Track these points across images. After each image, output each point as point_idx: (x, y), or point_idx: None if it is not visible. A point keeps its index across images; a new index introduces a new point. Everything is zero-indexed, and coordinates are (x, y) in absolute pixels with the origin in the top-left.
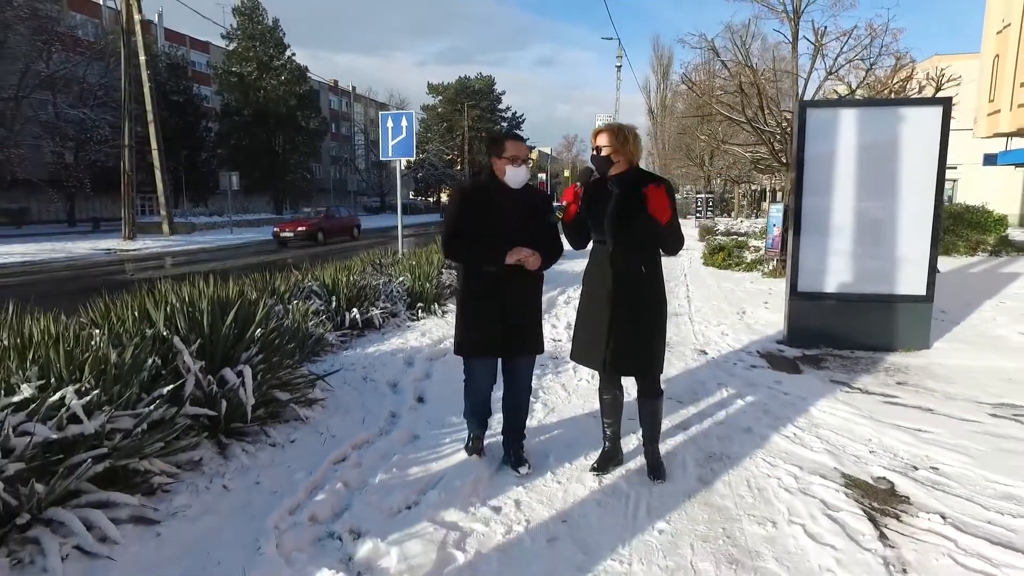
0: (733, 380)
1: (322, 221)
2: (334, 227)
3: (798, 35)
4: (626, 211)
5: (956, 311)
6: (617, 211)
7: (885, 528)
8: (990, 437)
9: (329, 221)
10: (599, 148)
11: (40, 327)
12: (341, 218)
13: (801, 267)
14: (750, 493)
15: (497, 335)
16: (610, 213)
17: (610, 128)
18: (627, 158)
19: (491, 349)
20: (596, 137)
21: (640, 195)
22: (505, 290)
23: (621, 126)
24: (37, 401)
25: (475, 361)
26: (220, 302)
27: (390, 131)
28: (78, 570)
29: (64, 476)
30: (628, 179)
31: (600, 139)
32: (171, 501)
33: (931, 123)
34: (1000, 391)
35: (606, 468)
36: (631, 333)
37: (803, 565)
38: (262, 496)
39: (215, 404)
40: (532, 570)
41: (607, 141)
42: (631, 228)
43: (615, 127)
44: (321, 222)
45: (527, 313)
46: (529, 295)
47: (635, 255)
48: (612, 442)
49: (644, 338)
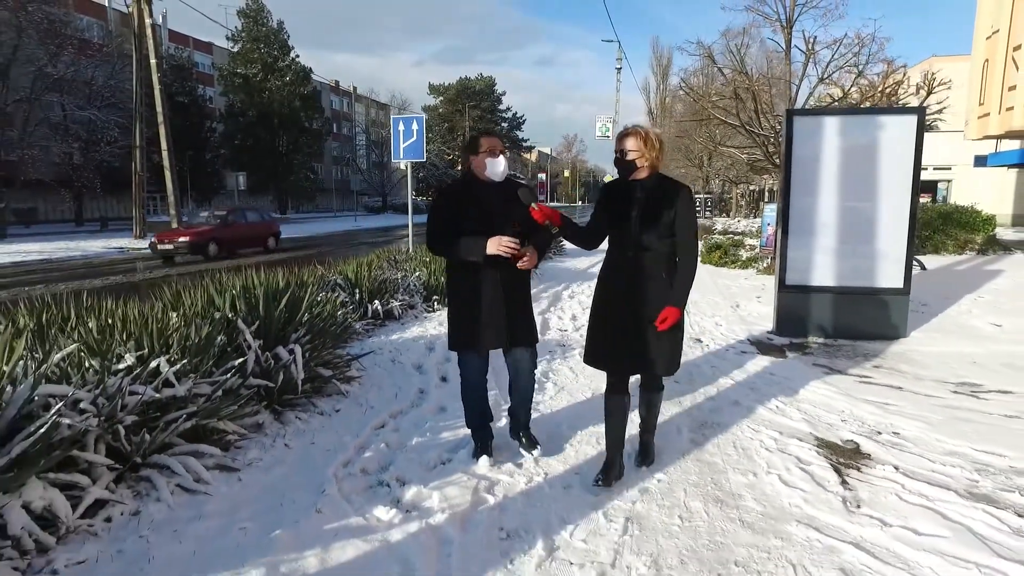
0: (725, 364)
1: (217, 229)
2: (236, 236)
3: (791, 43)
4: (650, 216)
5: (936, 304)
6: (641, 216)
7: (847, 476)
8: (948, 409)
9: (228, 229)
10: (624, 151)
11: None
12: (248, 224)
13: (789, 263)
14: (735, 452)
15: (486, 328)
16: (633, 218)
17: (637, 132)
18: (651, 163)
19: (482, 342)
20: (622, 140)
21: (664, 200)
22: (492, 283)
23: (648, 130)
24: (138, 369)
25: (468, 356)
26: (272, 290)
27: (401, 134)
28: (183, 502)
29: (162, 430)
30: (651, 184)
31: (627, 143)
32: (245, 455)
33: (907, 130)
34: (965, 372)
35: (609, 481)
36: (654, 337)
37: (776, 503)
38: (318, 453)
39: (272, 377)
40: (552, 508)
41: (634, 145)
42: (655, 233)
43: (641, 131)
44: (216, 230)
45: (516, 305)
46: (516, 287)
47: (657, 260)
48: (615, 451)
49: (667, 339)
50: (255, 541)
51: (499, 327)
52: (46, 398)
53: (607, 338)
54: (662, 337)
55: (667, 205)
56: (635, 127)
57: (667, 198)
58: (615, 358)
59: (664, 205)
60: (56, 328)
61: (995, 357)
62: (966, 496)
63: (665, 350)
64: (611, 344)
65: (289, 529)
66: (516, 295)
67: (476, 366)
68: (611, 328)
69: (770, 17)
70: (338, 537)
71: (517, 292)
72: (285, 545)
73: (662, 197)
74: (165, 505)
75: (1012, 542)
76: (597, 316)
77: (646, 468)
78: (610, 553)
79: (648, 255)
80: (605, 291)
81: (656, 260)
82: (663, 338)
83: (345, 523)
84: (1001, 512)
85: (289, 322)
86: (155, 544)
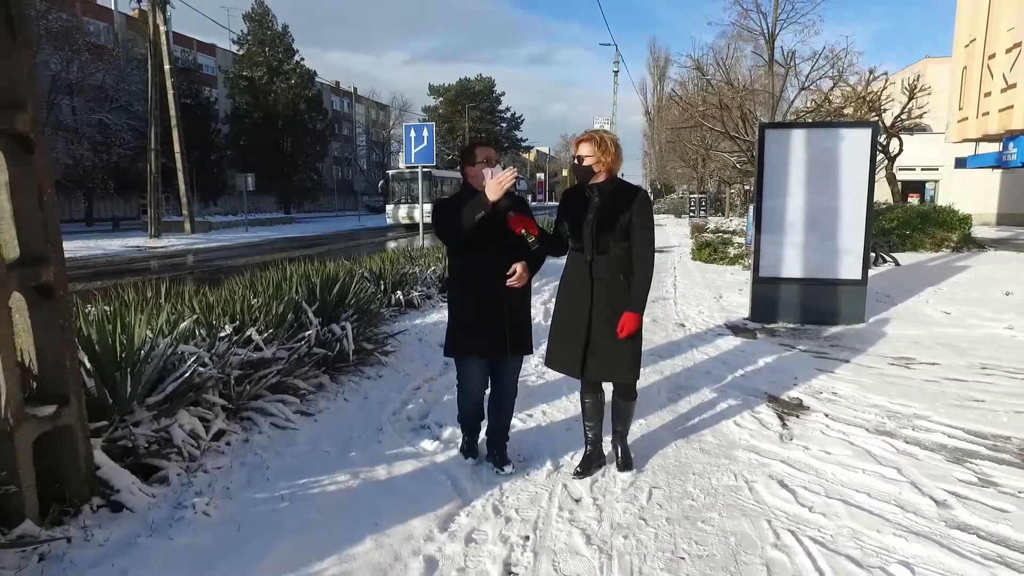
0: (703, 343)
1: None
2: None
3: (773, 56)
4: (607, 220)
5: (898, 295)
6: (598, 220)
7: (786, 421)
8: (881, 375)
9: None
10: (581, 157)
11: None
12: None
13: (762, 257)
14: (701, 406)
15: (488, 337)
16: (590, 222)
17: (591, 137)
18: (607, 167)
19: (482, 351)
20: (578, 146)
21: (620, 204)
22: (493, 293)
23: (603, 135)
24: (235, 336)
25: (467, 364)
26: (326, 279)
27: (413, 140)
28: (277, 435)
29: (256, 383)
30: (608, 188)
31: (582, 148)
32: (316, 405)
33: (862, 141)
34: (905, 350)
35: (589, 470)
36: (612, 341)
37: (729, 438)
38: (371, 405)
39: (329, 348)
40: (558, 440)
41: (589, 151)
42: (611, 237)
43: (596, 136)
44: None
45: (518, 316)
46: (520, 298)
47: (615, 263)
48: (594, 445)
49: (624, 345)
50: (337, 460)
51: (499, 337)
52: (178, 354)
53: (567, 343)
54: (621, 343)
55: (623, 209)
56: (591, 133)
57: (623, 202)
58: (573, 363)
59: (620, 209)
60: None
61: (935, 338)
62: (873, 432)
63: (624, 356)
64: (570, 349)
65: (360, 453)
66: (516, 304)
67: (476, 374)
68: (570, 333)
69: (754, 31)
70: (398, 459)
71: (518, 302)
72: (360, 462)
73: (618, 201)
74: (266, 436)
75: (894, 457)
76: (558, 319)
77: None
78: (600, 468)
79: (605, 258)
80: (565, 294)
81: (614, 263)
82: (622, 344)
83: (401, 450)
84: (894, 441)
85: (339, 304)
86: (266, 459)
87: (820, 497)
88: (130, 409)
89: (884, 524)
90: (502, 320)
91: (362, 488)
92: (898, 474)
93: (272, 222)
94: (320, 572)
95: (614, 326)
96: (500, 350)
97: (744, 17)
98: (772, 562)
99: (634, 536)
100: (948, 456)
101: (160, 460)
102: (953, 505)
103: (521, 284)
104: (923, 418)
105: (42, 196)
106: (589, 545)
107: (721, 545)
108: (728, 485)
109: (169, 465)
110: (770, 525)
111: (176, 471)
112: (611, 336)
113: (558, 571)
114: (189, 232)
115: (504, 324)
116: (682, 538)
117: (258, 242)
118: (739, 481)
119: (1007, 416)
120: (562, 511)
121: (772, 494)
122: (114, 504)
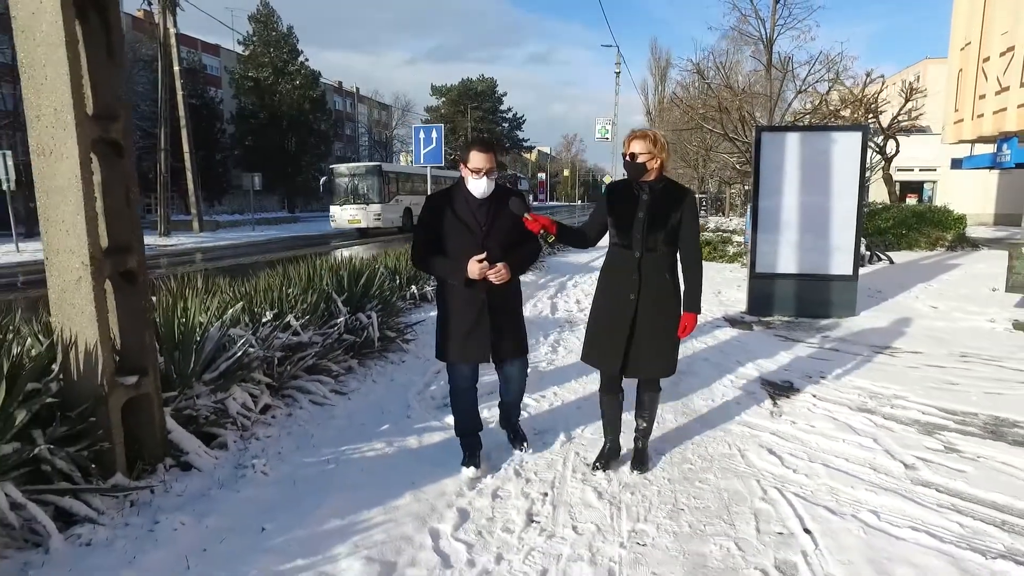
0: (701, 335)
1: None
2: None
3: (771, 61)
4: (657, 219)
5: (889, 291)
6: (649, 219)
7: (777, 400)
8: (867, 362)
9: None
10: (634, 154)
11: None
12: None
13: (758, 254)
14: (701, 388)
15: (472, 341)
16: (641, 220)
17: (645, 134)
18: (660, 165)
19: (470, 354)
20: (630, 143)
21: (670, 204)
22: (478, 297)
23: (655, 133)
24: (276, 322)
25: (455, 366)
26: (353, 272)
27: (422, 141)
28: (316, 411)
29: (295, 364)
30: (658, 187)
31: (634, 145)
32: (348, 385)
33: (854, 144)
34: (891, 340)
35: (608, 464)
36: (656, 338)
37: (724, 414)
38: (397, 387)
39: (357, 335)
40: (570, 417)
41: (643, 148)
42: (661, 236)
43: (651, 134)
44: None
45: (505, 317)
46: (507, 299)
47: (662, 262)
48: (613, 441)
49: (668, 342)
50: (372, 430)
51: (484, 341)
52: (228, 337)
53: (609, 339)
54: (666, 341)
55: (674, 208)
56: (644, 130)
57: (674, 201)
58: (614, 359)
59: (671, 208)
60: (210, 296)
61: (921, 330)
62: (855, 409)
63: (666, 353)
64: (612, 344)
65: (392, 426)
66: (504, 306)
67: (464, 374)
68: (615, 329)
69: (752, 36)
70: (426, 431)
71: (506, 304)
72: (392, 433)
73: (668, 200)
74: (306, 411)
75: (871, 430)
76: (599, 316)
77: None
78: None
79: (653, 256)
80: (608, 291)
81: (661, 262)
82: (667, 342)
83: (428, 424)
84: (873, 416)
85: (364, 296)
86: (309, 430)
87: (803, 461)
88: (190, 384)
89: (858, 482)
90: (484, 323)
91: (397, 455)
92: (874, 443)
93: (277, 221)
94: (369, 519)
95: (659, 323)
96: (484, 355)
97: (743, 22)
98: (759, 512)
99: (640, 492)
100: (920, 429)
101: (218, 428)
102: (919, 467)
103: (501, 280)
104: (901, 398)
105: (128, 194)
106: (600, 500)
107: (715, 499)
108: (722, 452)
109: (226, 433)
110: (759, 484)
111: (232, 438)
112: (656, 333)
113: (574, 519)
114: (197, 231)
115: (486, 327)
116: (681, 494)
117: (265, 240)
118: (732, 449)
119: (977, 396)
120: (575, 473)
121: (761, 459)
122: (183, 464)
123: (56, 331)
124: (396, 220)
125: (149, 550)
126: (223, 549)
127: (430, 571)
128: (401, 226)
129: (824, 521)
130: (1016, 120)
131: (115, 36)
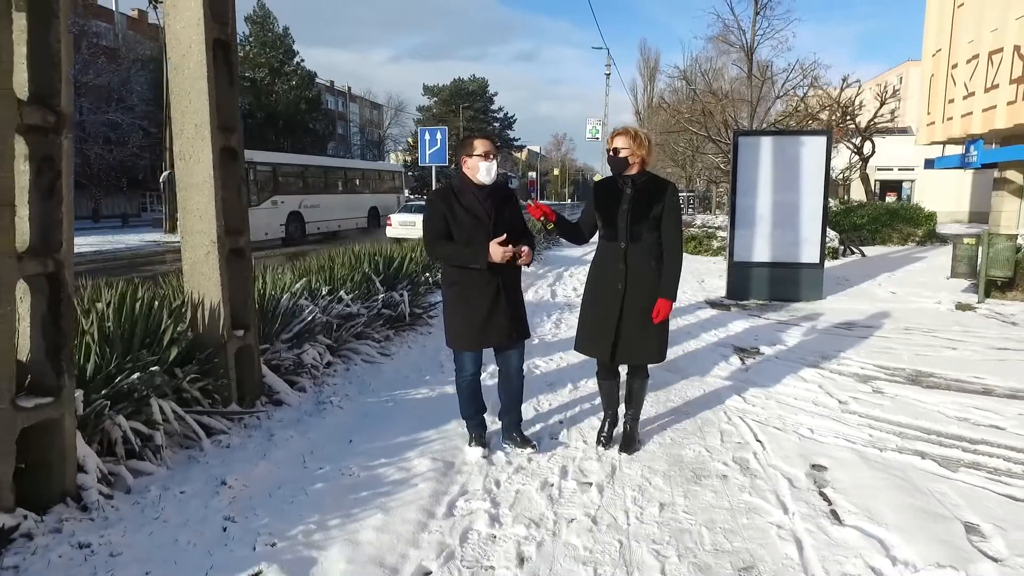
0: (685, 314)
1: None
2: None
3: (752, 68)
4: (641, 210)
5: (856, 280)
6: (632, 210)
7: (745, 360)
8: (824, 334)
9: None
10: (616, 150)
11: (318, 262)
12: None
13: (736, 245)
14: (684, 355)
15: (485, 327)
16: (625, 212)
17: (626, 131)
18: (641, 160)
19: (479, 341)
20: (613, 139)
21: (653, 195)
22: (489, 284)
23: (637, 130)
24: (330, 296)
25: (466, 355)
26: (386, 257)
27: (427, 142)
28: (367, 368)
29: (348, 330)
30: (641, 180)
31: (617, 141)
32: (388, 349)
33: (820, 147)
34: (850, 318)
35: (611, 436)
36: (643, 326)
37: (702, 370)
38: (430, 351)
39: (392, 309)
40: (576, 374)
41: (624, 144)
42: (645, 226)
43: (631, 131)
44: None
45: (510, 303)
46: (510, 286)
47: (646, 252)
48: (612, 418)
49: (656, 329)
50: (416, 380)
51: (499, 326)
52: (298, 306)
53: (598, 328)
54: (653, 328)
55: (655, 199)
56: (625, 127)
57: (656, 193)
58: (605, 346)
59: (653, 199)
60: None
61: (877, 310)
62: (807, 365)
63: (654, 339)
64: (602, 333)
65: (431, 377)
66: (511, 293)
67: (473, 359)
68: (604, 318)
69: (734, 45)
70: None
71: (512, 290)
72: (433, 383)
73: (651, 192)
74: (360, 367)
75: (818, 379)
76: (589, 306)
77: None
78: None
79: (638, 246)
80: (597, 282)
81: (646, 251)
82: (654, 328)
83: None
84: (821, 370)
85: (395, 277)
86: (366, 380)
87: (761, 399)
88: (272, 341)
89: (801, 412)
90: (501, 306)
91: (440, 397)
92: (818, 388)
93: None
94: (428, 436)
95: (646, 311)
96: (500, 339)
97: (726, 32)
98: (724, 431)
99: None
100: (857, 379)
101: (296, 377)
102: (850, 403)
103: (526, 261)
104: (847, 358)
105: (239, 189)
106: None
107: (691, 424)
108: (698, 396)
109: (303, 380)
110: (725, 414)
111: (308, 384)
112: (643, 321)
113: (583, 436)
114: None
115: (504, 310)
116: (666, 420)
117: (266, 237)
118: (707, 392)
119: (908, 357)
120: (584, 403)
121: (729, 399)
122: (276, 401)
123: (187, 294)
124: (274, 229)
125: (272, 451)
126: (326, 452)
127: (480, 466)
128: (285, 237)
129: (771, 434)
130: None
131: (234, 69)
